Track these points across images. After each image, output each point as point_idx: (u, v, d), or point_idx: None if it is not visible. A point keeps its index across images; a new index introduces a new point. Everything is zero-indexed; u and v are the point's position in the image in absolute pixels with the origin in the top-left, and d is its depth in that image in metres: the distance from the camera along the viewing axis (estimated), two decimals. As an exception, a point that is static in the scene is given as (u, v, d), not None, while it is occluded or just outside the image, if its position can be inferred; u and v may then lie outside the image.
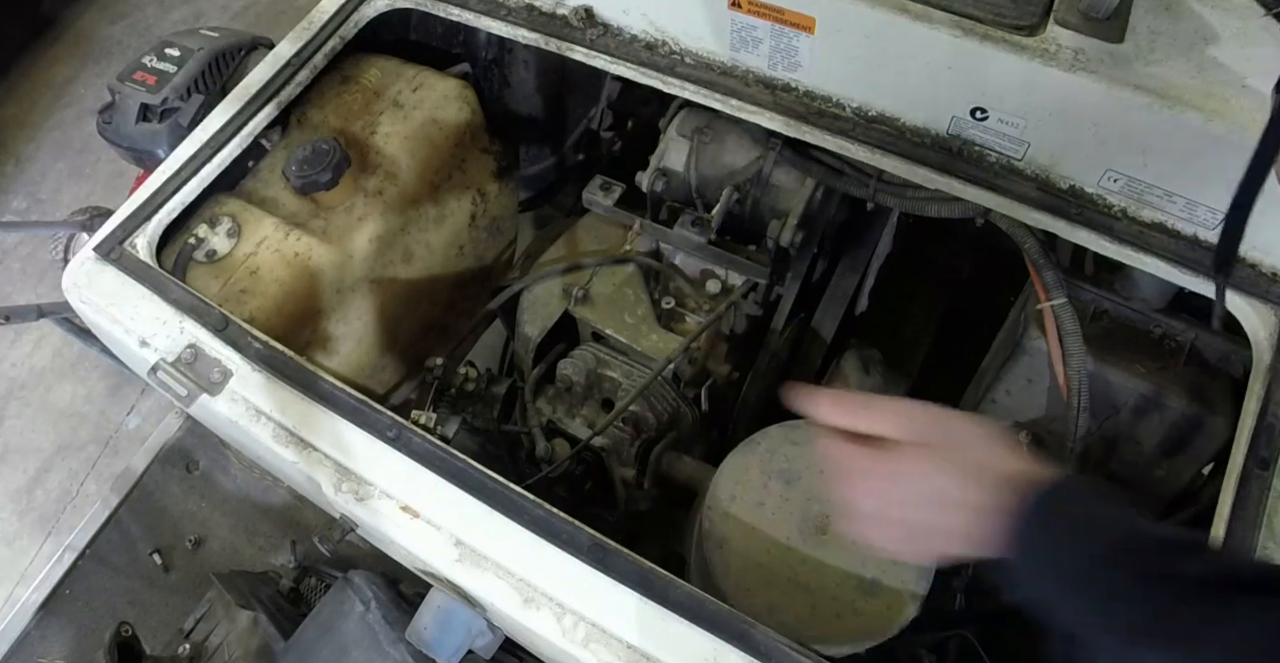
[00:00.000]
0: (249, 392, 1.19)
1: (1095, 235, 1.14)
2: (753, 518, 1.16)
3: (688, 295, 1.60)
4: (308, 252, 1.40)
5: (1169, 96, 1.02)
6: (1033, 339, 1.28)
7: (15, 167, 3.27)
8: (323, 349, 1.47)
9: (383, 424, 1.14)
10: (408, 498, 1.11)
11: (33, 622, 2.25)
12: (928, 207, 1.30)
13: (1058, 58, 1.06)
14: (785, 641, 0.97)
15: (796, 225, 1.44)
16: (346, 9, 1.51)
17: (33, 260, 3.00)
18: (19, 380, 2.77)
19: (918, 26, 1.10)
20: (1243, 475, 1.00)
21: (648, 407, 1.49)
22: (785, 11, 1.17)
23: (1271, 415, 1.03)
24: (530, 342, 1.59)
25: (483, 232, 1.75)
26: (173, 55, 1.64)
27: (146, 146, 1.64)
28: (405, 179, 1.52)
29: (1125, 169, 1.10)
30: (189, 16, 3.60)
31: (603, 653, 1.00)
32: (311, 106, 1.53)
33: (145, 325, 1.24)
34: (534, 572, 1.04)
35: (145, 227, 1.32)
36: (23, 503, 2.55)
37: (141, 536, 2.34)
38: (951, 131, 1.18)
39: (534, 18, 1.41)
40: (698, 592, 1.00)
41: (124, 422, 2.64)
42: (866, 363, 1.56)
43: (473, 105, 1.62)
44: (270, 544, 2.28)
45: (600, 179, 1.63)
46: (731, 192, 1.48)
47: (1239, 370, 1.23)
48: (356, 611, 1.25)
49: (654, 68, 1.33)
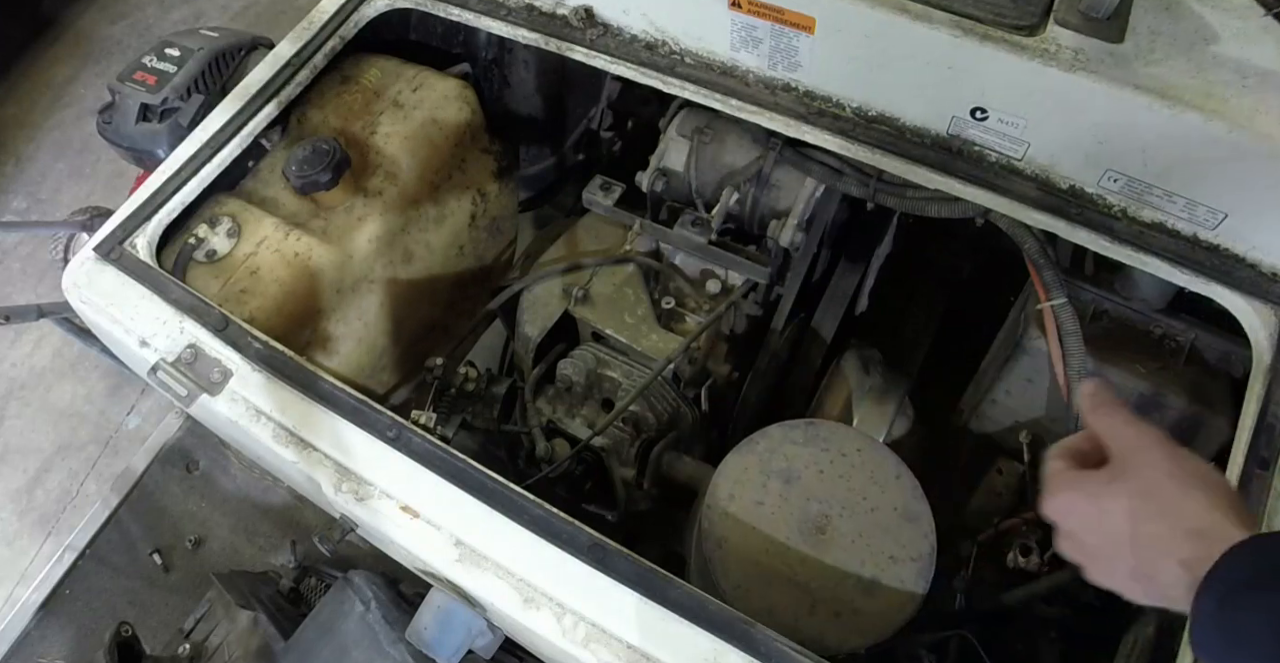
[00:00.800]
0: (249, 392, 1.19)
1: (1095, 235, 1.14)
2: (752, 518, 1.16)
3: (688, 295, 1.60)
4: (308, 252, 1.40)
5: (1169, 96, 1.02)
6: (1033, 339, 1.28)
7: (15, 166, 3.27)
8: (323, 349, 1.47)
9: (383, 424, 1.14)
10: (408, 498, 1.11)
11: (33, 622, 2.25)
12: (928, 207, 1.30)
13: (1058, 58, 1.06)
14: (785, 641, 0.97)
15: (796, 225, 1.44)
16: (346, 9, 1.51)
17: (33, 260, 3.00)
18: (19, 380, 2.77)
19: (918, 26, 1.10)
20: (1243, 476, 1.00)
21: (648, 407, 1.49)
22: (785, 11, 1.17)
23: (1271, 415, 1.03)
24: (530, 342, 1.59)
25: (483, 232, 1.75)
26: (173, 55, 1.64)
27: (146, 146, 1.64)
28: (405, 179, 1.52)
29: (1125, 169, 1.10)
30: (189, 16, 3.60)
31: (603, 653, 1.00)
32: (311, 106, 1.53)
33: (145, 325, 1.24)
34: (534, 572, 1.04)
35: (145, 227, 1.32)
36: (23, 503, 2.55)
37: (141, 536, 2.34)
38: (951, 131, 1.18)
39: (534, 18, 1.41)
40: (698, 592, 1.00)
41: (124, 422, 2.64)
42: (866, 363, 1.56)
43: (473, 105, 1.62)
44: (270, 544, 2.28)
45: (600, 179, 1.63)
46: (731, 192, 1.48)
47: (1239, 370, 1.23)
48: (356, 611, 1.25)
49: (654, 68, 1.33)
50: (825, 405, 1.53)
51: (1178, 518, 0.68)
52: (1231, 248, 1.10)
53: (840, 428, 1.23)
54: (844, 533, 1.14)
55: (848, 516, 1.14)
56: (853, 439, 1.21)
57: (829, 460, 1.18)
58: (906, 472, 1.17)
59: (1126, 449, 0.74)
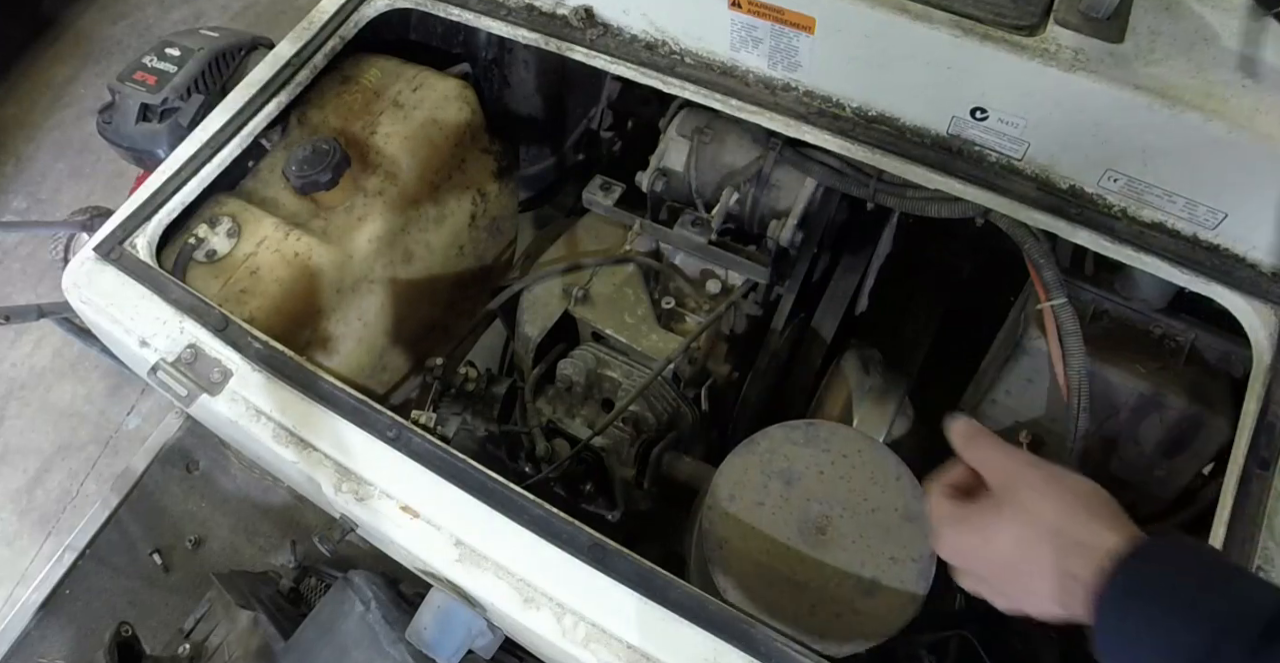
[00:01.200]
0: (249, 392, 1.19)
1: (1095, 235, 1.14)
2: (753, 518, 1.16)
3: (688, 295, 1.60)
4: (308, 252, 1.40)
5: (1169, 96, 1.02)
6: (1033, 339, 1.28)
7: (15, 167, 3.27)
8: (323, 349, 1.47)
9: (383, 424, 1.14)
10: (408, 498, 1.11)
11: (33, 622, 2.25)
12: (928, 207, 1.30)
13: (1058, 58, 1.06)
14: (785, 641, 0.97)
15: (796, 225, 1.44)
16: (346, 9, 1.51)
17: (33, 260, 3.00)
18: (19, 380, 2.77)
19: (918, 26, 1.10)
20: (1243, 475, 1.00)
21: (648, 407, 1.49)
22: (785, 11, 1.17)
23: (1271, 415, 1.03)
24: (530, 342, 1.59)
25: (483, 232, 1.75)
26: (173, 55, 1.64)
27: (146, 146, 1.64)
28: (405, 179, 1.52)
29: (1125, 169, 1.10)
30: (189, 16, 3.60)
31: (603, 653, 1.00)
32: (311, 106, 1.53)
33: (145, 325, 1.24)
34: (534, 572, 1.04)
35: (145, 227, 1.32)
36: (23, 503, 2.55)
37: (141, 536, 2.34)
38: (951, 131, 1.18)
39: (534, 18, 1.41)
40: (698, 592, 1.00)
41: (124, 422, 2.64)
42: (866, 363, 1.56)
43: (473, 105, 1.62)
44: (270, 544, 2.28)
45: (600, 179, 1.63)
46: (731, 192, 1.48)
47: (1239, 370, 1.23)
48: (356, 611, 1.25)
49: (654, 68, 1.33)
50: (825, 406, 1.53)
51: (1061, 535, 0.70)
52: (1231, 248, 1.10)
53: (841, 429, 1.23)
54: (845, 534, 1.14)
55: (848, 516, 1.14)
56: (853, 440, 1.21)
57: (830, 461, 1.18)
58: (907, 472, 1.17)
59: (1003, 476, 0.76)
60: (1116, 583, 0.65)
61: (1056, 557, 0.69)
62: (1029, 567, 0.71)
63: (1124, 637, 0.65)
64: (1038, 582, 0.71)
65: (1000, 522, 0.74)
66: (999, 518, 0.74)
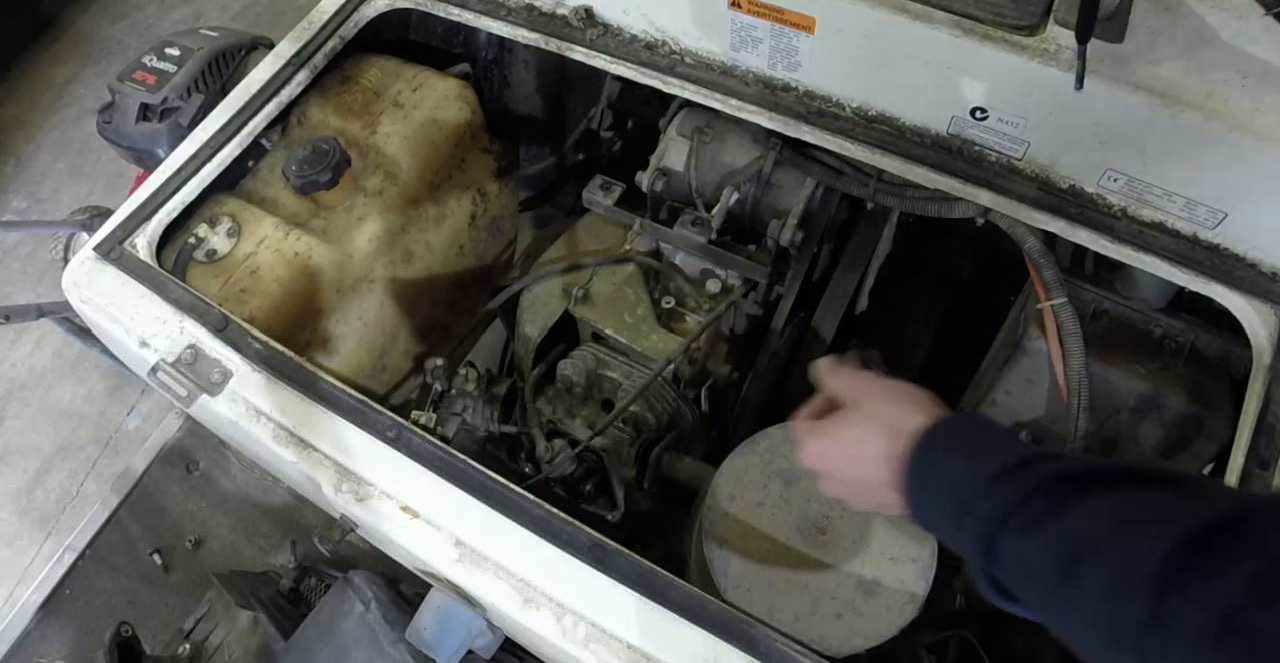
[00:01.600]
0: (249, 392, 1.19)
1: (1095, 235, 1.14)
2: (753, 518, 1.16)
3: (688, 295, 1.60)
4: (308, 252, 1.40)
5: (1169, 96, 1.02)
6: (1033, 339, 1.28)
7: (15, 166, 3.27)
8: (323, 349, 1.47)
9: (383, 424, 1.14)
10: (408, 498, 1.11)
11: (33, 622, 2.25)
12: (928, 207, 1.30)
13: (1058, 58, 1.06)
14: (785, 641, 0.97)
15: (796, 225, 1.44)
16: (346, 9, 1.51)
17: (33, 260, 3.00)
18: (19, 380, 2.77)
19: (918, 26, 1.10)
20: (1243, 476, 1.00)
21: (648, 407, 1.49)
22: (785, 11, 1.17)
23: (1271, 415, 1.03)
24: (530, 342, 1.59)
25: (483, 232, 1.75)
26: (173, 55, 1.64)
27: (146, 146, 1.64)
28: (405, 179, 1.52)
29: (1125, 169, 1.10)
30: (189, 16, 3.59)
31: (603, 653, 1.00)
32: (311, 106, 1.53)
33: (145, 325, 1.24)
34: (534, 572, 1.04)
35: (145, 227, 1.32)
36: (23, 503, 2.55)
37: (141, 536, 2.34)
38: (951, 131, 1.18)
39: (534, 18, 1.41)
40: (698, 592, 1.00)
41: (124, 422, 2.64)
42: (866, 363, 1.56)
43: (473, 105, 1.62)
44: (270, 544, 2.28)
45: (600, 179, 1.63)
46: (731, 192, 1.48)
47: (1239, 370, 1.23)
48: (356, 611, 1.25)
49: (654, 68, 1.33)
50: (825, 405, 1.53)
51: (892, 428, 0.82)
52: (1231, 248, 1.10)
53: (840, 428, 1.23)
54: (845, 534, 1.14)
55: (848, 516, 1.14)
56: (853, 439, 1.20)
57: (829, 461, 1.18)
58: (907, 472, 1.17)
59: (852, 392, 0.88)
60: (918, 448, 0.78)
61: (888, 444, 0.81)
62: (867, 456, 0.83)
63: (922, 489, 0.78)
64: (874, 468, 0.82)
65: (845, 424, 0.86)
66: (844, 422, 0.87)
